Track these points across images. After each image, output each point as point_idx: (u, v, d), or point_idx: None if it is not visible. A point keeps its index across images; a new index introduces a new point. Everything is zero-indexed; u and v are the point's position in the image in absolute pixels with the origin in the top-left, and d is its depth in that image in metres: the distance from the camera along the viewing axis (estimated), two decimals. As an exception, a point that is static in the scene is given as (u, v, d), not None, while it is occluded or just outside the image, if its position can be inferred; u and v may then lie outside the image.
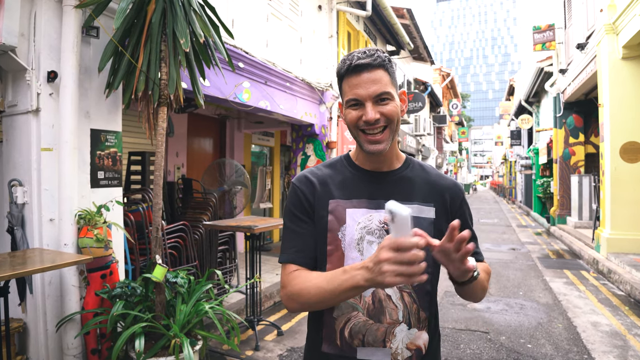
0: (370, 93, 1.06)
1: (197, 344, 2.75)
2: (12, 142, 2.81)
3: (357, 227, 1.13)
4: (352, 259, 1.12)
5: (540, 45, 11.58)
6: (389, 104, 1.08)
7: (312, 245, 1.16)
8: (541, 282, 6.24)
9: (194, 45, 3.00)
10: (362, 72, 1.07)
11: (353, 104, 1.09)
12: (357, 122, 1.09)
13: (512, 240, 10.62)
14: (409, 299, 1.11)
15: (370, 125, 1.08)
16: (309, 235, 1.17)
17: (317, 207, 1.17)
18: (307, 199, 1.19)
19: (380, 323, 1.10)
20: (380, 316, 1.10)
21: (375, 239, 1.12)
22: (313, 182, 1.20)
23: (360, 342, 1.10)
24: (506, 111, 25.39)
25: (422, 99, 12.04)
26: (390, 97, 1.09)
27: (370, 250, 1.11)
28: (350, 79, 1.09)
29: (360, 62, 1.07)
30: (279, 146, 9.54)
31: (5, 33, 2.52)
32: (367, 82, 1.07)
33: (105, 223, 2.80)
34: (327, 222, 1.14)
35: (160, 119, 2.81)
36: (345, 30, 8.22)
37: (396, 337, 1.10)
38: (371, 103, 1.07)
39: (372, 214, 1.13)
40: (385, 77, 1.08)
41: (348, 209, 1.14)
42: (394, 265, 0.85)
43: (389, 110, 1.08)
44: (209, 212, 4.80)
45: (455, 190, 1.21)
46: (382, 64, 1.08)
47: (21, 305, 2.81)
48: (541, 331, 4.23)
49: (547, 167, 14.22)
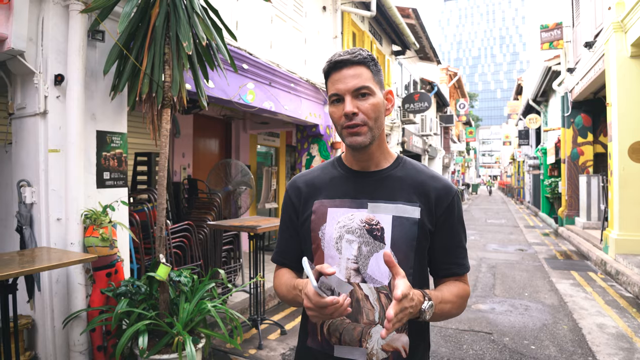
0: (349, 87, 1.09)
1: (199, 342, 2.80)
2: (21, 143, 2.88)
3: (337, 226, 1.15)
4: (330, 257, 1.15)
5: (547, 44, 11.49)
6: (368, 99, 1.10)
7: (294, 246, 1.26)
8: (547, 283, 6.20)
9: (197, 48, 3.04)
10: (343, 68, 1.10)
11: (335, 99, 1.12)
12: (340, 119, 1.11)
13: (519, 241, 10.55)
14: (386, 300, 1.11)
15: (349, 119, 1.09)
16: (291, 238, 1.26)
17: (303, 209, 1.22)
18: (292, 203, 1.25)
19: (357, 323, 1.11)
20: (357, 316, 1.11)
21: (355, 238, 1.13)
22: (299, 185, 1.26)
23: (337, 340, 1.13)
24: (514, 111, 25.21)
25: (427, 99, 12.01)
26: (370, 92, 1.10)
27: (349, 249, 1.13)
28: (332, 75, 1.12)
29: (340, 58, 1.11)
30: (284, 146, 9.59)
31: (15, 38, 2.58)
32: (347, 77, 1.09)
33: (110, 223, 2.86)
34: (310, 222, 1.18)
35: (164, 121, 2.86)
36: (350, 30, 8.24)
37: (372, 338, 1.10)
38: (350, 97, 1.09)
39: (354, 213, 1.15)
40: (365, 73, 1.11)
41: (330, 208, 1.17)
42: (313, 312, 0.97)
43: (367, 105, 1.10)
44: (214, 212, 4.86)
45: (443, 192, 1.18)
46: (363, 61, 1.11)
47: (30, 303, 2.87)
48: (546, 332, 4.21)
49: (555, 167, 14.10)
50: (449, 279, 1.20)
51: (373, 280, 1.12)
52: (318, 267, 0.97)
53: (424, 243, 1.16)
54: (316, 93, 6.63)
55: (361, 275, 1.12)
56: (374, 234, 1.12)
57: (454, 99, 27.02)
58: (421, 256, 1.16)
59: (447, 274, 1.20)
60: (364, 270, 1.12)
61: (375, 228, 1.13)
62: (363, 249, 1.12)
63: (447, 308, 1.11)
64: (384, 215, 1.13)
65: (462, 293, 1.17)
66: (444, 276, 1.21)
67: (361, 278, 1.12)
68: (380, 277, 1.12)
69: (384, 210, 1.14)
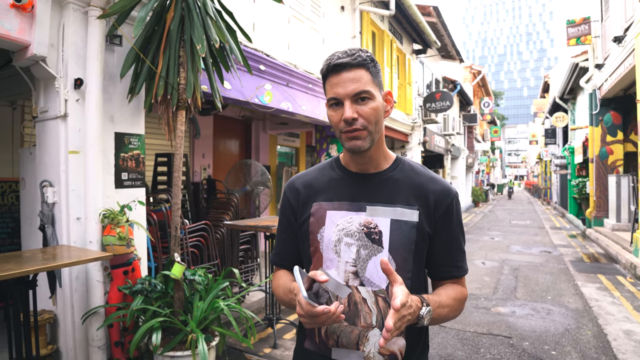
0: (348, 92, 1.07)
1: (213, 340, 2.84)
2: (43, 145, 2.99)
3: (335, 229, 1.14)
4: (329, 260, 1.15)
5: (574, 39, 11.13)
6: (368, 103, 1.08)
7: (291, 248, 1.26)
8: (572, 287, 6.01)
9: (212, 50, 3.09)
10: (342, 71, 1.08)
11: (333, 103, 1.10)
12: (339, 124, 1.09)
13: (544, 242, 10.27)
14: (383, 304, 1.11)
15: (349, 125, 1.08)
16: (290, 239, 1.27)
17: (301, 211, 1.22)
18: (290, 205, 1.25)
19: (354, 326, 1.11)
20: (354, 319, 1.11)
21: (354, 242, 1.13)
22: (297, 187, 1.25)
23: (334, 342, 1.13)
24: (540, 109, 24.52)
25: (449, 98, 11.81)
26: (370, 96, 1.08)
27: (348, 252, 1.13)
28: (330, 78, 1.10)
29: (339, 61, 1.08)
30: (304, 147, 9.63)
31: (37, 44, 2.68)
32: (346, 81, 1.07)
33: (127, 222, 2.93)
34: (309, 224, 1.18)
35: (179, 122, 2.91)
36: (369, 30, 8.19)
37: (369, 341, 1.10)
38: (349, 102, 1.07)
39: (352, 217, 1.14)
40: (365, 76, 1.08)
41: (329, 211, 1.17)
42: (305, 320, 0.96)
43: (367, 110, 1.08)
44: (231, 212, 4.92)
45: (442, 194, 1.16)
46: (363, 63, 1.09)
47: (52, 298, 2.98)
48: (568, 338, 4.08)
49: (583, 166, 13.65)
50: (447, 282, 1.19)
51: (371, 283, 1.11)
52: (311, 274, 0.97)
53: (422, 246, 1.14)
54: (334, 93, 6.61)
55: (359, 279, 1.12)
56: (372, 238, 1.12)
57: (478, 97, 26.49)
58: (419, 260, 1.15)
59: (445, 276, 1.19)
60: (362, 273, 1.12)
61: (374, 231, 1.12)
62: (361, 252, 1.12)
63: (445, 312, 1.10)
64: (382, 219, 1.13)
65: (460, 296, 1.16)
66: (442, 279, 1.20)
67: (359, 281, 1.12)
68: (379, 281, 1.11)
69: (382, 213, 1.13)
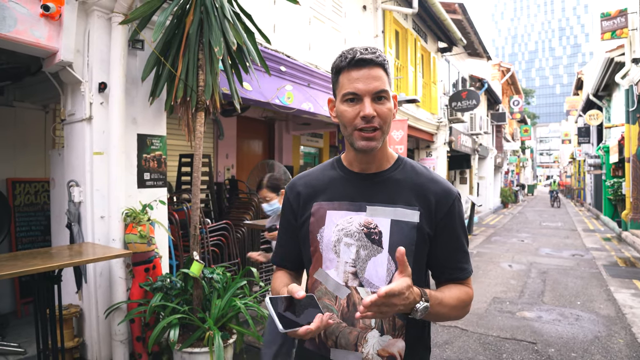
0: (370, 89, 1.06)
1: (230, 338, 2.88)
2: (70, 147, 3.12)
3: (335, 229, 1.14)
4: (329, 260, 1.15)
5: (609, 33, 10.68)
6: (385, 103, 1.08)
7: (292, 248, 1.27)
8: (604, 292, 5.77)
9: (230, 53, 3.14)
10: (364, 67, 1.07)
11: (350, 98, 1.08)
12: (354, 120, 1.08)
13: (575, 245, 9.91)
14: None
15: (367, 122, 1.07)
16: (290, 239, 1.28)
17: (301, 211, 1.23)
18: (290, 205, 1.26)
19: (353, 327, 1.10)
20: (353, 320, 1.10)
21: (353, 242, 1.12)
22: (298, 187, 1.26)
23: (333, 343, 1.12)
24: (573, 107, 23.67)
25: (475, 97, 11.55)
26: (387, 96, 1.09)
27: (347, 253, 1.12)
28: (350, 72, 1.08)
29: (363, 56, 1.07)
30: (327, 147, 9.64)
31: (64, 50, 2.81)
32: (368, 77, 1.06)
33: (149, 221, 3.02)
34: (309, 224, 1.19)
35: (198, 123, 2.98)
36: (392, 28, 8.12)
37: (368, 343, 1.09)
38: (369, 99, 1.06)
39: (353, 217, 1.14)
40: (384, 76, 1.09)
41: (329, 211, 1.16)
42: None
43: (385, 110, 1.08)
44: (252, 211, 4.98)
45: (444, 195, 1.15)
46: (382, 64, 1.09)
47: (78, 293, 3.10)
48: (597, 346, 3.92)
49: (619, 166, 13.07)
50: (452, 283, 1.17)
51: (370, 284, 1.11)
52: (289, 290, 1.00)
53: (422, 248, 1.13)
54: (355, 93, 6.59)
55: (359, 279, 1.12)
56: (372, 238, 1.11)
57: (507, 95, 25.81)
58: (420, 261, 1.14)
59: (449, 278, 1.17)
60: (362, 274, 1.11)
61: (374, 232, 1.12)
62: (361, 252, 1.12)
63: (445, 311, 1.08)
64: (382, 219, 1.12)
65: (465, 297, 1.14)
66: (446, 281, 1.18)
67: (358, 282, 1.11)
68: (378, 282, 1.10)
69: (382, 213, 1.12)
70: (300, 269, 1.32)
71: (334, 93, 1.16)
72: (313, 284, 1.18)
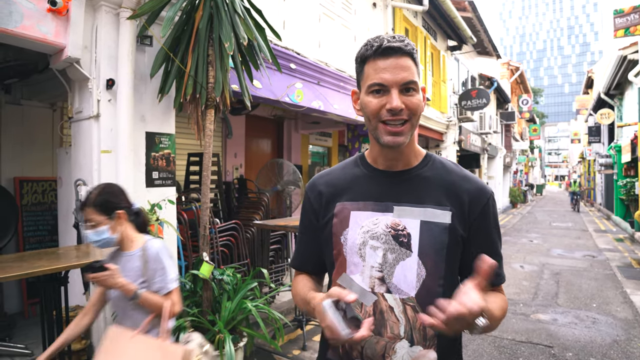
0: (398, 80, 0.98)
1: (240, 341, 2.81)
2: (78, 145, 3.06)
3: (360, 231, 1.06)
4: (354, 264, 1.07)
5: (622, 30, 10.48)
6: (414, 95, 1.00)
7: (312, 251, 1.19)
8: (620, 295, 5.64)
9: (240, 49, 3.07)
10: (391, 56, 0.99)
11: (376, 89, 1.00)
12: (379, 112, 1.00)
13: (587, 246, 9.74)
14: (412, 313, 1.02)
15: (394, 115, 0.99)
16: (311, 242, 1.20)
17: (323, 212, 1.15)
18: (312, 206, 1.18)
19: (380, 336, 1.03)
20: (380, 329, 1.02)
21: (380, 245, 1.04)
22: (319, 186, 1.18)
23: (359, 353, 1.04)
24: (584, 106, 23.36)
25: (485, 95, 11.41)
26: (416, 87, 1.01)
27: (373, 256, 1.04)
28: (376, 61, 1.00)
29: (391, 44, 0.99)
30: (336, 146, 9.55)
31: (71, 47, 2.75)
32: (396, 67, 0.99)
33: (157, 221, 2.95)
34: (332, 225, 1.11)
35: (208, 121, 2.91)
36: (402, 26, 8.01)
37: (396, 354, 1.01)
38: (397, 90, 0.98)
39: (379, 218, 1.06)
40: (413, 66, 1.01)
41: (353, 211, 1.08)
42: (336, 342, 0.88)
43: (414, 101, 1.00)
44: (261, 211, 4.91)
45: (477, 194, 1.07)
46: (411, 53, 1.01)
47: (85, 294, 3.04)
48: (617, 350, 3.80)
49: (631, 166, 12.84)
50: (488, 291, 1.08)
51: (399, 290, 1.03)
52: (336, 294, 0.89)
53: (455, 251, 1.05)
54: (365, 91, 6.51)
55: (386, 285, 1.04)
56: (400, 241, 1.03)
57: (516, 95, 25.56)
58: (452, 265, 1.06)
59: None
60: (389, 279, 1.04)
61: (402, 234, 1.04)
62: (388, 256, 1.04)
63: (494, 325, 1.01)
64: (411, 220, 1.04)
65: (505, 307, 1.08)
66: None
67: (386, 288, 1.04)
68: (407, 288, 1.03)
69: (410, 214, 1.04)
70: (322, 273, 1.24)
71: (358, 84, 1.09)
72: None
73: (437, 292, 1.02)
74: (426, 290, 1.02)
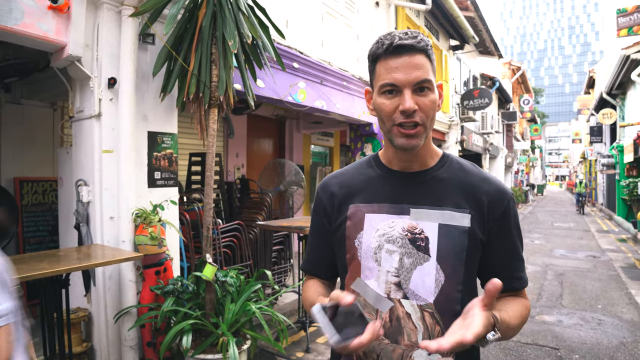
0: (410, 79, 0.93)
1: (244, 344, 2.77)
2: (79, 145, 3.02)
3: (375, 235, 1.02)
4: (368, 269, 1.02)
5: (625, 30, 10.45)
6: (428, 95, 0.96)
7: (324, 254, 1.16)
8: (625, 295, 5.59)
9: (244, 47, 3.02)
10: (403, 54, 0.94)
11: (388, 90, 0.96)
12: (392, 114, 0.96)
13: (590, 246, 9.69)
14: (430, 320, 0.98)
15: (407, 116, 0.94)
16: (322, 245, 1.16)
17: (336, 214, 1.10)
18: (324, 207, 1.14)
19: (397, 344, 0.98)
20: (397, 336, 0.98)
21: (396, 248, 1.00)
22: (332, 188, 1.14)
23: None
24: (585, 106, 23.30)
25: (488, 95, 11.36)
26: (431, 87, 0.96)
27: (389, 261, 1.00)
28: (388, 60, 0.95)
29: (402, 42, 0.94)
30: (338, 146, 9.50)
31: (72, 45, 2.70)
32: (409, 66, 0.94)
33: (159, 222, 2.91)
34: (345, 228, 1.06)
35: (211, 121, 2.86)
36: (405, 25, 7.96)
37: None
38: (410, 91, 0.94)
39: (395, 220, 1.01)
40: (427, 64, 0.96)
41: (367, 214, 1.04)
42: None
43: (427, 102, 0.95)
44: (264, 212, 4.86)
45: (497, 196, 1.03)
46: (425, 49, 0.96)
47: (86, 296, 3.00)
48: (624, 352, 3.76)
49: (634, 166, 12.80)
50: (507, 295, 1.05)
51: (416, 296, 0.99)
52: (334, 297, 0.85)
53: (474, 255, 1.01)
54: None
55: (403, 291, 0.99)
56: (418, 245, 0.99)
57: (518, 94, 25.51)
58: (471, 270, 1.02)
59: (505, 289, 1.04)
60: (406, 284, 0.99)
61: (419, 237, 0.99)
62: (405, 260, 0.99)
63: (510, 333, 0.97)
64: (428, 223, 1.00)
65: (526, 313, 1.02)
66: (501, 292, 1.05)
67: (403, 294, 0.99)
68: (425, 294, 0.98)
69: (428, 217, 1.00)
70: (334, 278, 1.19)
71: (371, 84, 1.04)
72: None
73: (455, 298, 0.98)
74: (445, 296, 0.98)
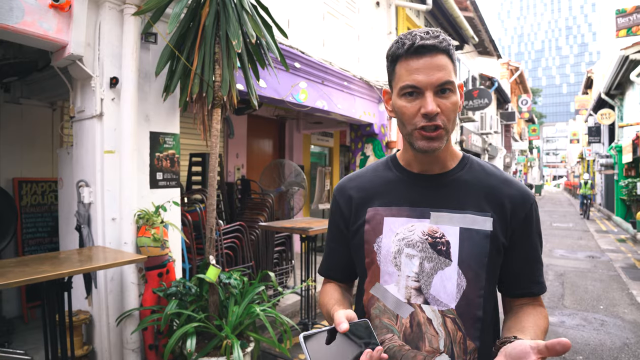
0: (432, 81, 0.90)
1: (248, 346, 2.74)
2: (80, 145, 2.98)
3: (395, 239, 0.99)
4: (388, 274, 1.00)
5: (624, 30, 10.47)
6: (450, 96, 0.93)
7: (341, 258, 1.14)
8: (626, 296, 5.58)
9: (247, 47, 2.99)
10: (425, 54, 0.91)
11: (409, 92, 0.93)
12: (414, 117, 0.93)
13: (589, 247, 9.69)
14: (452, 325, 0.95)
15: (429, 120, 0.91)
16: (339, 249, 1.14)
17: (354, 217, 1.07)
18: (341, 211, 1.11)
19: (417, 350, 0.96)
20: (418, 342, 0.96)
21: (416, 253, 0.97)
22: (349, 191, 1.11)
23: None
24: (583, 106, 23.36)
25: (487, 95, 11.37)
26: (453, 88, 0.93)
27: (409, 265, 0.97)
28: (409, 61, 0.92)
29: (424, 42, 0.91)
30: (338, 146, 9.48)
31: (74, 44, 2.66)
32: (431, 67, 0.91)
33: (162, 223, 2.87)
34: (364, 232, 1.03)
35: (215, 121, 2.83)
36: (405, 26, 7.94)
37: None
38: (432, 93, 0.91)
39: (414, 224, 0.99)
40: (449, 65, 0.93)
41: (386, 217, 1.01)
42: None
43: (449, 105, 0.92)
44: (266, 212, 4.83)
45: (520, 199, 1.00)
46: (447, 49, 0.93)
47: (88, 299, 2.96)
48: (628, 353, 3.75)
49: (632, 166, 12.83)
50: (526, 301, 1.02)
51: (437, 302, 0.96)
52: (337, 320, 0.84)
53: (496, 260, 0.98)
54: (370, 91, 6.44)
55: (423, 296, 0.97)
56: (438, 249, 0.97)
57: (516, 95, 25.56)
58: (493, 275, 0.99)
59: (524, 293, 1.03)
60: (427, 290, 0.97)
61: (440, 242, 0.97)
62: (425, 265, 0.97)
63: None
64: (449, 227, 0.97)
65: (546, 325, 0.98)
66: (519, 296, 1.03)
67: (423, 299, 0.97)
68: (446, 299, 0.96)
69: (449, 221, 0.97)
70: (351, 280, 1.17)
71: (390, 84, 1.01)
72: (369, 300, 1.03)
73: (477, 303, 0.96)
74: (466, 301, 0.96)
